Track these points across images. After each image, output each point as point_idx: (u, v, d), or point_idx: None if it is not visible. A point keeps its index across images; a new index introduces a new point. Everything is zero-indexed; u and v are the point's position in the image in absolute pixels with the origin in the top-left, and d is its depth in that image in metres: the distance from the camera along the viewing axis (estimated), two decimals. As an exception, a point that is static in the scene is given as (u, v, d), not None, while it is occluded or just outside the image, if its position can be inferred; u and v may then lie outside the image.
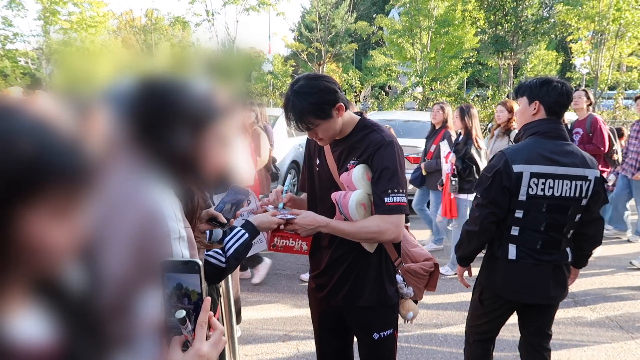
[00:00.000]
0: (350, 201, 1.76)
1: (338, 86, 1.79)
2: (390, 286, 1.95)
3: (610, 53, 13.46)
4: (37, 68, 15.39)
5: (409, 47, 16.77)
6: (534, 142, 2.24)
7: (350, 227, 1.79)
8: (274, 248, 1.88)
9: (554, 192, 2.18)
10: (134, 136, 0.96)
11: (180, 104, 1.00)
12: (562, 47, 22.79)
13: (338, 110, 1.76)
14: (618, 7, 12.65)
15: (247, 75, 2.43)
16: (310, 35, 21.78)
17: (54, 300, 0.74)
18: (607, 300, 4.28)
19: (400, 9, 17.58)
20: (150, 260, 0.86)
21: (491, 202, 2.21)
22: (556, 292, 2.31)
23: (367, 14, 31.18)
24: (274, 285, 4.65)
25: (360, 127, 1.87)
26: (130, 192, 0.91)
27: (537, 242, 2.22)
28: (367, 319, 1.95)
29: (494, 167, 2.23)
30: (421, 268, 2.01)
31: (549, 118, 2.26)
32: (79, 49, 15.75)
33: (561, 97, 2.25)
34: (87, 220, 0.71)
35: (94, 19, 15.91)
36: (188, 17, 17.63)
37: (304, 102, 1.70)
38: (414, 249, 2.07)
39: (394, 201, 1.73)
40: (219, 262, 1.51)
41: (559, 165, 2.17)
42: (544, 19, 14.56)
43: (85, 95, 1.01)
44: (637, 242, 5.99)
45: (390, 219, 1.74)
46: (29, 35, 15.88)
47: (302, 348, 3.46)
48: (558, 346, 3.44)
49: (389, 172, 1.75)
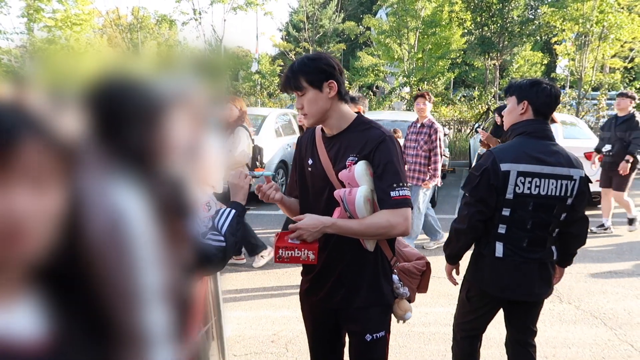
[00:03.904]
0: (358, 197, 1.73)
1: (342, 70, 1.82)
2: (386, 285, 1.92)
3: (594, 55, 13.67)
4: (21, 66, 15.14)
5: (397, 47, 16.84)
6: (522, 141, 2.28)
7: (358, 225, 1.75)
8: (280, 260, 1.80)
9: (540, 191, 2.21)
10: (95, 135, 0.94)
11: (140, 101, 0.99)
12: (547, 49, 23.08)
13: (330, 88, 1.76)
14: (601, 10, 12.85)
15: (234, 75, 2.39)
16: (298, 35, 21.77)
17: (44, 291, 0.72)
18: (592, 298, 4.35)
19: (387, 9, 17.63)
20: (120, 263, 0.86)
21: (479, 201, 2.25)
22: (541, 290, 2.35)
23: (354, 14, 31.22)
24: (262, 284, 4.64)
25: (358, 124, 1.85)
26: (94, 194, 0.89)
27: (524, 240, 2.26)
28: (360, 319, 1.91)
29: (482, 166, 2.27)
30: (414, 267, 2.00)
31: (536, 119, 2.30)
32: (64, 47, 15.46)
33: (549, 99, 2.29)
34: (63, 200, 0.70)
35: (79, 17, 15.70)
36: (175, 16, 17.48)
37: (302, 63, 1.78)
38: (406, 248, 2.07)
39: (400, 195, 1.72)
40: (219, 242, 1.52)
41: (545, 164, 2.21)
42: (530, 20, 14.72)
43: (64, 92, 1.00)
44: (621, 240, 6.10)
45: (400, 212, 1.72)
46: (12, 32, 15.63)
47: (292, 347, 3.46)
48: (543, 343, 3.49)
49: (392, 166, 1.74)
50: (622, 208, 6.46)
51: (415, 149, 5.41)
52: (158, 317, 0.96)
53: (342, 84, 1.81)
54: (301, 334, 3.64)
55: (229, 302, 4.17)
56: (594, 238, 6.13)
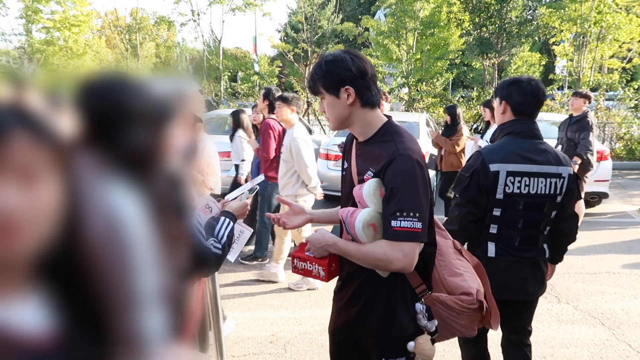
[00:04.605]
0: (357, 221, 1.56)
1: (365, 74, 1.61)
2: (404, 314, 1.66)
3: (592, 55, 13.69)
4: (19, 67, 15.13)
5: (395, 48, 16.85)
6: (510, 141, 2.30)
7: (356, 251, 1.60)
8: (295, 270, 1.80)
9: (530, 190, 2.23)
10: (92, 135, 0.94)
11: (138, 101, 0.99)
12: (545, 49, 23.11)
13: (347, 94, 1.60)
14: (599, 10, 12.87)
15: (233, 76, 2.38)
16: (297, 36, 21.75)
17: (48, 287, 0.72)
18: (590, 298, 4.35)
19: (386, 10, 17.64)
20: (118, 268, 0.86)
21: (469, 201, 2.27)
22: (535, 288, 2.36)
23: (353, 15, 31.23)
24: (261, 285, 4.64)
25: (382, 132, 1.65)
26: (91, 195, 0.89)
27: (515, 239, 2.28)
28: (374, 342, 1.71)
29: (471, 167, 2.29)
30: (455, 302, 1.71)
31: (519, 118, 2.31)
32: (62, 48, 15.44)
33: (525, 97, 2.29)
34: (56, 197, 0.70)
35: (77, 18, 15.72)
36: (173, 17, 17.49)
37: (318, 66, 1.65)
38: (453, 277, 1.76)
39: (400, 226, 1.50)
40: (217, 250, 1.61)
41: (534, 163, 2.23)
42: (528, 21, 14.74)
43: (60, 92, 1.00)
44: (619, 240, 6.11)
45: (400, 246, 1.50)
46: (11, 34, 15.63)
47: (290, 348, 3.46)
48: (542, 343, 3.50)
49: (398, 191, 1.51)
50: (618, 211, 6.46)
51: None
52: (156, 319, 0.96)
53: (363, 89, 1.61)
54: (300, 334, 3.64)
55: (227, 302, 4.16)
56: (593, 238, 6.14)
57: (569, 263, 5.22)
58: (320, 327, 3.74)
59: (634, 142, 12.96)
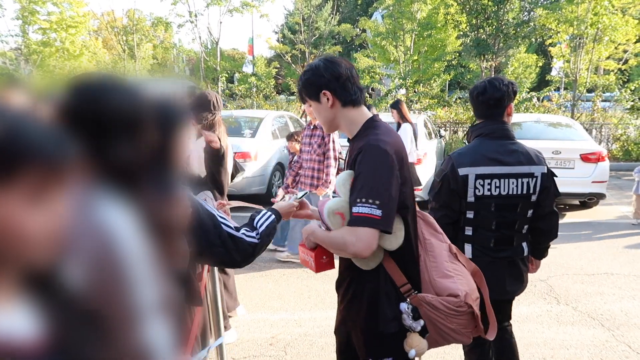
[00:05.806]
0: (325, 208, 1.66)
1: (339, 76, 1.68)
2: (387, 312, 1.68)
3: (589, 56, 13.72)
4: (16, 68, 15.07)
5: (392, 49, 16.87)
6: (480, 143, 2.33)
7: (324, 237, 1.70)
8: (300, 260, 1.91)
9: (501, 191, 2.27)
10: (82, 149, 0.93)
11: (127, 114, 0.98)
12: (542, 51, 23.18)
13: (326, 98, 1.69)
14: (596, 12, 12.91)
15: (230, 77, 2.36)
16: (294, 37, 21.76)
17: (42, 295, 0.72)
18: (589, 299, 4.36)
19: (383, 11, 17.67)
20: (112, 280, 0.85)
21: (442, 206, 2.32)
22: (513, 287, 2.40)
23: (350, 16, 31.28)
24: (261, 287, 4.63)
25: (365, 128, 1.72)
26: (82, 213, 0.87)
27: (490, 240, 2.31)
28: (362, 340, 1.75)
29: (442, 171, 2.35)
30: (441, 303, 1.69)
31: (488, 119, 2.35)
32: (58, 49, 15.37)
33: (477, 99, 2.34)
34: (63, 211, 0.70)
35: (74, 19, 15.65)
36: (170, 18, 17.44)
37: (300, 78, 1.77)
38: (442, 279, 1.74)
39: (359, 212, 1.54)
40: (252, 239, 1.57)
41: (503, 164, 2.26)
42: (525, 22, 14.76)
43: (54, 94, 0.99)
44: (616, 241, 6.13)
45: (355, 231, 1.54)
46: (7, 35, 15.57)
47: (290, 350, 3.45)
48: (541, 345, 3.50)
49: (361, 179, 1.58)
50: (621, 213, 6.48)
51: (309, 153, 4.94)
52: (158, 330, 0.95)
53: (339, 90, 1.69)
54: (300, 336, 3.63)
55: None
56: (591, 239, 6.16)
57: (567, 264, 5.23)
58: (320, 329, 3.73)
59: (630, 143, 13.02)
